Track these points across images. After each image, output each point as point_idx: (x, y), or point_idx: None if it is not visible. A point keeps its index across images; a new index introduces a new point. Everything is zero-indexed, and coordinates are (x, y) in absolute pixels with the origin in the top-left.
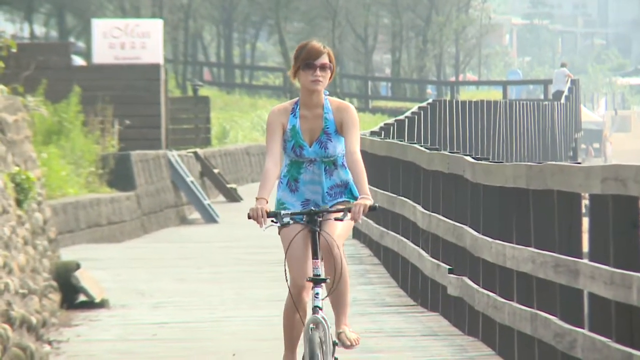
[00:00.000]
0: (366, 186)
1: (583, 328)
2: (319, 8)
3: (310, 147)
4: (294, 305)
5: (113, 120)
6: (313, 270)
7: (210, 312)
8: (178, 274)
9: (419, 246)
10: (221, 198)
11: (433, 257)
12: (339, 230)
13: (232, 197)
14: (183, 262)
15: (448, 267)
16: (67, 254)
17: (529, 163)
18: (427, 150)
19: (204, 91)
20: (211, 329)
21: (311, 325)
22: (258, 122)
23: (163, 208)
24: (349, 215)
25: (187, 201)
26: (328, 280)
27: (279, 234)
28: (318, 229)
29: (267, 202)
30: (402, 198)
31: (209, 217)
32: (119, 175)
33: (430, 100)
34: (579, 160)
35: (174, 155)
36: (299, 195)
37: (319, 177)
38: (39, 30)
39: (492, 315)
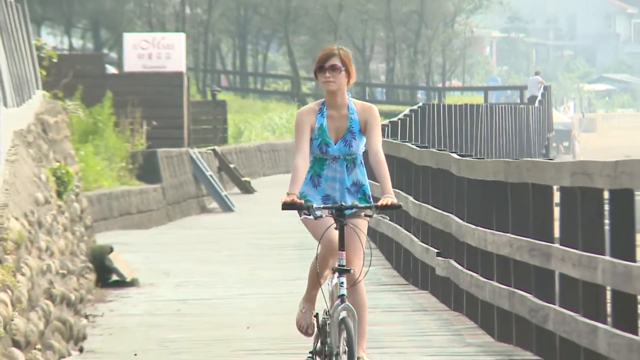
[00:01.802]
0: (390, 186)
1: (554, 304)
2: (322, 23)
3: (335, 144)
4: (326, 256)
5: (141, 121)
6: (338, 261)
7: (227, 290)
8: (198, 256)
9: (410, 232)
10: (236, 190)
11: (423, 242)
12: (363, 226)
13: (246, 189)
14: (203, 246)
15: (436, 250)
16: (101, 239)
17: (507, 159)
18: (418, 148)
19: (221, 96)
20: (228, 305)
21: (344, 312)
22: (269, 124)
23: (185, 199)
24: (376, 211)
25: (206, 192)
26: (352, 271)
27: (301, 219)
28: (346, 222)
29: (297, 197)
30: (396, 190)
31: (226, 207)
32: (147, 169)
33: (420, 104)
34: (551, 157)
35: (195, 152)
36: (320, 190)
37: (340, 174)
38: (77, 42)
39: (475, 293)
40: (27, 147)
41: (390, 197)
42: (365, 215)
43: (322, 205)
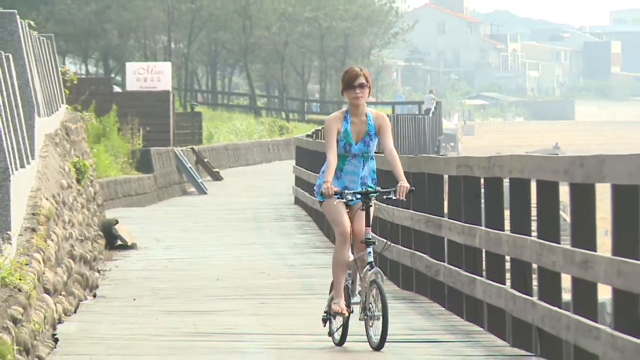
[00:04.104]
0: (403, 173)
1: (444, 262)
2: (272, 55)
3: (356, 144)
4: (343, 248)
5: (139, 127)
6: (365, 235)
7: (201, 251)
8: (181, 226)
9: None
10: (209, 178)
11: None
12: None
13: (216, 177)
14: (184, 219)
15: None
16: (109, 214)
17: (409, 155)
18: None
19: (198, 109)
20: (202, 262)
21: (374, 275)
22: (233, 129)
23: (171, 184)
24: (395, 194)
25: (186, 180)
26: (377, 243)
27: (320, 206)
28: (371, 204)
29: (330, 183)
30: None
31: (201, 190)
32: (143, 163)
33: None
34: (442, 154)
35: (178, 150)
36: (341, 182)
37: (357, 168)
38: (92, 69)
39: (385, 254)
40: (55, 146)
41: (404, 183)
42: (386, 197)
43: (351, 192)
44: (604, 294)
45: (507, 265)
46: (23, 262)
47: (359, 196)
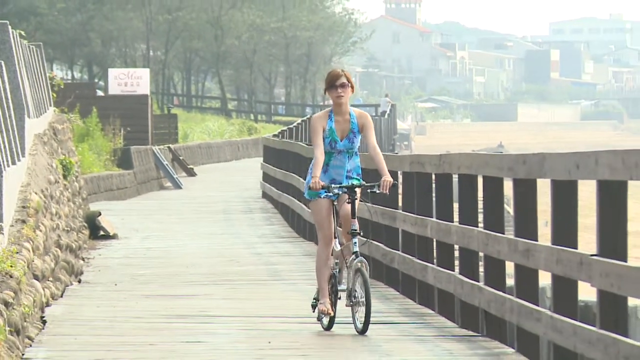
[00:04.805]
0: (386, 168)
1: (398, 250)
2: (241, 61)
3: (341, 141)
4: (325, 250)
5: (120, 128)
6: (352, 226)
7: (176, 241)
8: (158, 218)
9: (301, 202)
10: (184, 174)
11: (309, 208)
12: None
13: (191, 173)
14: (161, 211)
15: None
16: (93, 207)
17: (366, 153)
18: (306, 145)
19: (174, 111)
20: (177, 251)
21: (359, 264)
22: (206, 129)
23: (149, 180)
24: (379, 188)
25: (163, 175)
26: (362, 234)
27: (308, 205)
28: (357, 198)
29: (318, 178)
30: (291, 174)
31: (177, 185)
32: (124, 160)
33: (308, 116)
34: (396, 152)
35: (156, 148)
36: (328, 175)
37: (343, 163)
38: (77, 74)
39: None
40: (43, 145)
41: (387, 177)
42: (371, 192)
43: (338, 185)
44: (545, 279)
45: (456, 254)
46: (14, 251)
47: (345, 189)
